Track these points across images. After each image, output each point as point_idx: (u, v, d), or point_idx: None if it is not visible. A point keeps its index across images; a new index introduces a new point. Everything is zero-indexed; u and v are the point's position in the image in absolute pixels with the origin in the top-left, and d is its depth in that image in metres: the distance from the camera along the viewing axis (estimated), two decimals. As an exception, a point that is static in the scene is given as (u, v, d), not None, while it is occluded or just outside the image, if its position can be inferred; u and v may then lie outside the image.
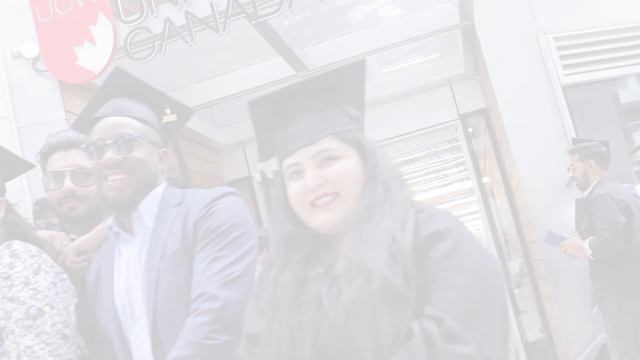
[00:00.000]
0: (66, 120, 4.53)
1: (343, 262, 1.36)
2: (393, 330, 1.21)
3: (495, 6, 5.20)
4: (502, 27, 5.25)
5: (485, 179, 6.69)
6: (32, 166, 2.19)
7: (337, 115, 1.46)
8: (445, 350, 1.16)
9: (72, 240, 2.10)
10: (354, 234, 1.35)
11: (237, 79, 5.87)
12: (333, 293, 1.32)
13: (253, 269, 1.76)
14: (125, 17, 4.37)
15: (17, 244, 1.88)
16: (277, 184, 1.52)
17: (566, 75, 5.14)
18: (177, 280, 1.73)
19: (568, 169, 4.48)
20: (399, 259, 1.27)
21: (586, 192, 4.20)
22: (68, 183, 2.15)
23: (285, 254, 1.44)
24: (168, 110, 1.96)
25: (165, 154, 1.95)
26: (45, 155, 2.22)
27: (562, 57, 5.17)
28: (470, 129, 6.52)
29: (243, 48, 5.75)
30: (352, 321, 1.24)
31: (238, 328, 1.62)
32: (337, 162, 1.40)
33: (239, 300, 1.65)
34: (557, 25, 5.23)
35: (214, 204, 1.78)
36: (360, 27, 5.57)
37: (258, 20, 4.17)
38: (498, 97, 5.13)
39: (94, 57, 4.35)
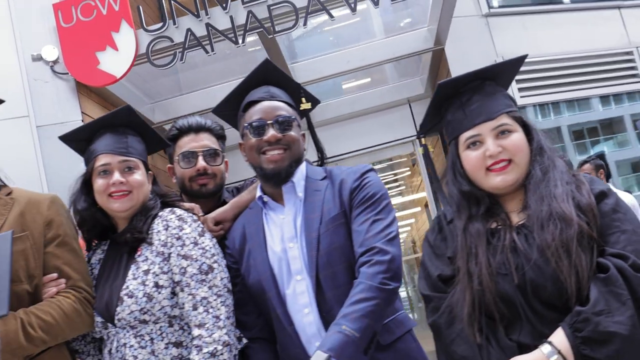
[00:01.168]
0: (82, 121, 4.53)
1: (523, 214, 1.61)
2: (588, 266, 1.47)
3: (460, 33, 5.60)
4: (466, 51, 5.65)
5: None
6: (167, 145, 2.31)
7: (505, 98, 1.72)
8: (636, 278, 1.43)
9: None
10: (536, 192, 1.60)
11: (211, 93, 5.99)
12: (522, 238, 1.56)
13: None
14: (146, 26, 4.44)
15: (179, 210, 2.02)
16: (450, 154, 1.75)
17: (522, 97, 5.61)
18: (337, 240, 1.92)
19: None
20: (579, 211, 1.53)
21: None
22: (201, 162, 2.29)
23: (468, 209, 1.67)
24: (304, 99, 2.13)
25: (304, 136, 2.13)
26: (174, 137, 2.34)
27: (518, 81, 5.64)
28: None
29: (222, 64, 5.90)
30: (551, 259, 1.48)
31: (400, 277, 1.83)
32: (511, 135, 1.66)
33: (399, 255, 1.87)
34: (513, 51, 5.69)
35: (365, 177, 1.99)
36: (338, 47, 5.82)
37: (275, 35, 4.34)
38: (464, 114, 5.51)
39: (116, 62, 4.39)
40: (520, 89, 5.68)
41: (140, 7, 4.45)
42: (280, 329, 1.97)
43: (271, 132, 1.99)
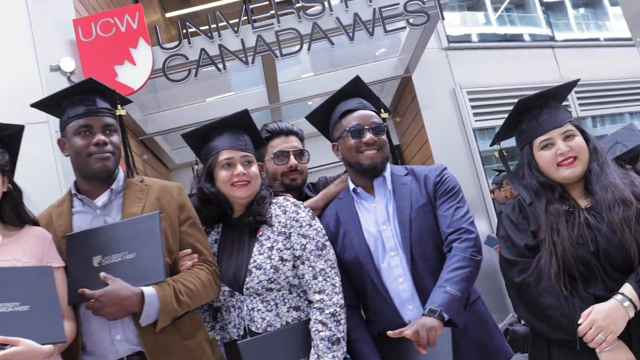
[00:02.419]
0: (97, 128, 4.67)
1: (588, 199, 2.04)
2: None
3: (424, 63, 6.14)
4: (429, 80, 6.21)
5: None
6: (265, 144, 2.60)
7: (565, 111, 2.16)
8: None
9: None
10: (598, 182, 2.03)
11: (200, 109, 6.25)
12: (592, 217, 1.99)
13: None
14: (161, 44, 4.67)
15: (291, 198, 2.32)
16: (526, 155, 2.16)
17: (476, 120, 6.20)
18: (426, 223, 2.29)
19: (491, 191, 5.47)
20: (635, 198, 1.97)
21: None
22: (292, 160, 2.61)
23: (545, 195, 2.08)
24: (382, 110, 2.50)
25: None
26: (266, 139, 2.63)
27: (473, 107, 6.23)
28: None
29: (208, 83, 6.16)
30: (618, 233, 1.91)
31: (482, 252, 2.21)
32: (575, 138, 2.09)
33: (479, 235, 2.24)
34: (468, 81, 6.31)
35: (444, 173, 2.37)
36: (319, 71, 6.22)
37: (281, 58, 4.67)
38: (429, 134, 6.04)
39: (133, 76, 4.57)
40: (474, 114, 6.26)
41: (157, 27, 4.68)
42: (376, 296, 2.30)
43: (369, 136, 2.34)
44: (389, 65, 6.14)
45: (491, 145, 2.36)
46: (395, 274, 2.29)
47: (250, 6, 4.72)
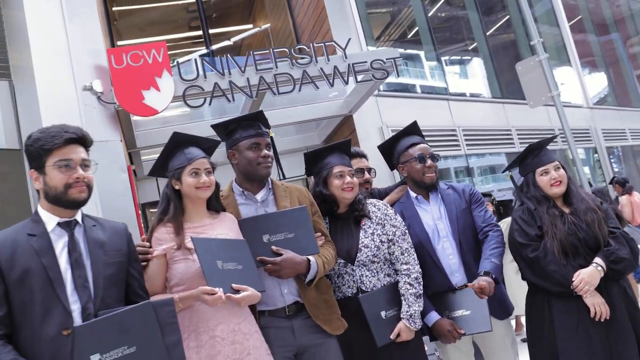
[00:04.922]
0: (121, 141, 5.07)
1: (569, 207, 3.06)
2: (606, 231, 2.94)
3: (361, 107, 7.11)
4: (364, 119, 7.20)
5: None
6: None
7: (552, 152, 3.16)
8: (626, 235, 2.94)
9: None
10: (575, 197, 3.05)
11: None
12: (574, 218, 3.00)
13: None
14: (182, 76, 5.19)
15: (380, 200, 3.10)
16: (530, 178, 3.13)
17: (398, 153, 7.26)
18: (467, 221, 3.17)
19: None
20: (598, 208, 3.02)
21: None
22: (367, 174, 3.39)
23: (545, 203, 3.06)
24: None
25: None
26: None
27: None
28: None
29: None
30: (592, 228, 2.93)
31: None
32: (560, 169, 3.12)
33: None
34: (391, 121, 7.38)
35: (473, 189, 3.28)
36: (284, 106, 6.96)
37: (278, 95, 5.39)
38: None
39: (158, 100, 5.06)
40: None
41: (178, 61, 5.19)
42: (432, 268, 3.13)
43: (429, 162, 3.20)
44: (336, 105, 7.04)
45: (503, 172, 3.32)
46: (447, 253, 3.14)
47: (255, 53, 5.40)
